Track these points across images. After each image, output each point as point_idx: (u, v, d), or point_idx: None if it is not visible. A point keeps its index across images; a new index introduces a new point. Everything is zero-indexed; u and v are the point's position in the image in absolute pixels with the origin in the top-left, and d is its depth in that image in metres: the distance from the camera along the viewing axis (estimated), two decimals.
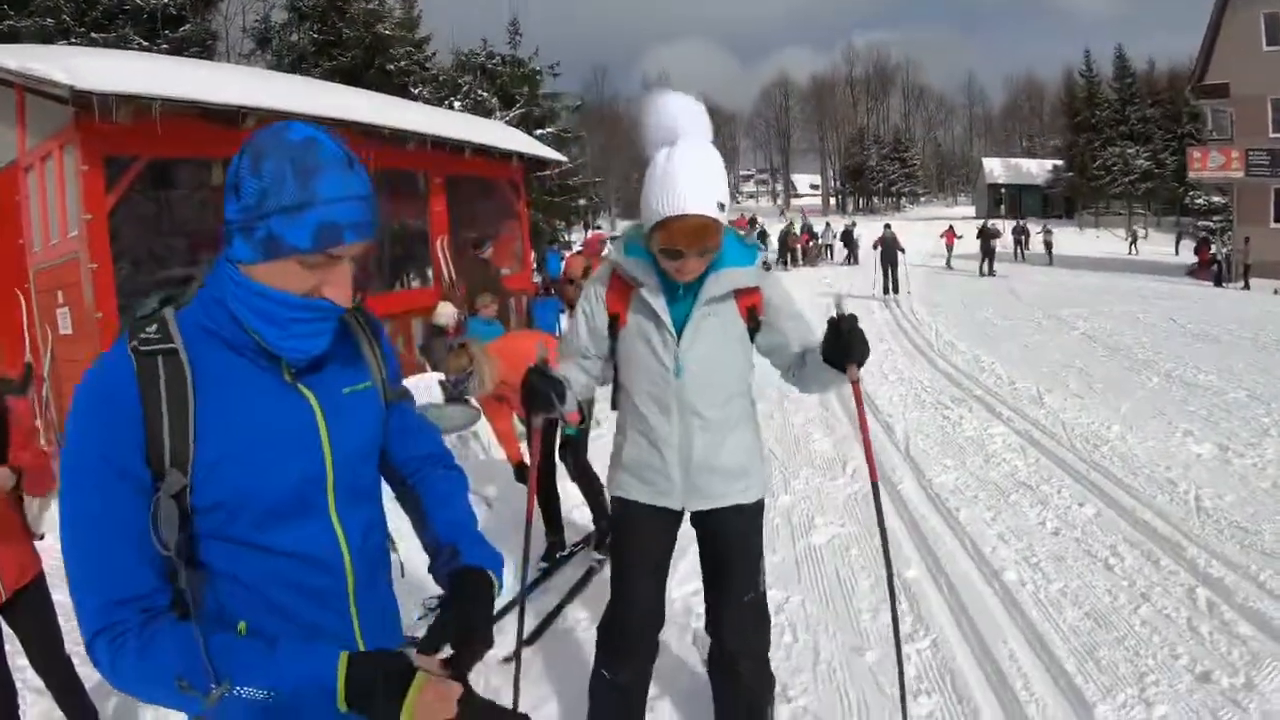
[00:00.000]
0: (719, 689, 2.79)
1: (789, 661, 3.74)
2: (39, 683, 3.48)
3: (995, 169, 74.32)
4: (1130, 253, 39.50)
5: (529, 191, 16.41)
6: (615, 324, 2.52)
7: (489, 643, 1.45)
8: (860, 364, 2.28)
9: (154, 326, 1.31)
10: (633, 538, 2.64)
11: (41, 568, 3.37)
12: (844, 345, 2.25)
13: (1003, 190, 71.88)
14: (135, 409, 1.26)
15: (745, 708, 2.73)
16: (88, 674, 3.36)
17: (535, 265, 16.63)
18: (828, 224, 41.21)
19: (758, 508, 2.65)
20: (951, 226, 31.90)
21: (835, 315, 2.26)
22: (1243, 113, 28.56)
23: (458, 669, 1.37)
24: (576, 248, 17.20)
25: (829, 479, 6.38)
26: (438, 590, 1.58)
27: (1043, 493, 5.74)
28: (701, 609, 2.84)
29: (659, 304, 2.42)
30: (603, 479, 3.84)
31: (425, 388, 6.59)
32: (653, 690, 2.96)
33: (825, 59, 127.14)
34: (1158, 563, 4.50)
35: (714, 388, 2.48)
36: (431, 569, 1.61)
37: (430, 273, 12.51)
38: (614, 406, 2.70)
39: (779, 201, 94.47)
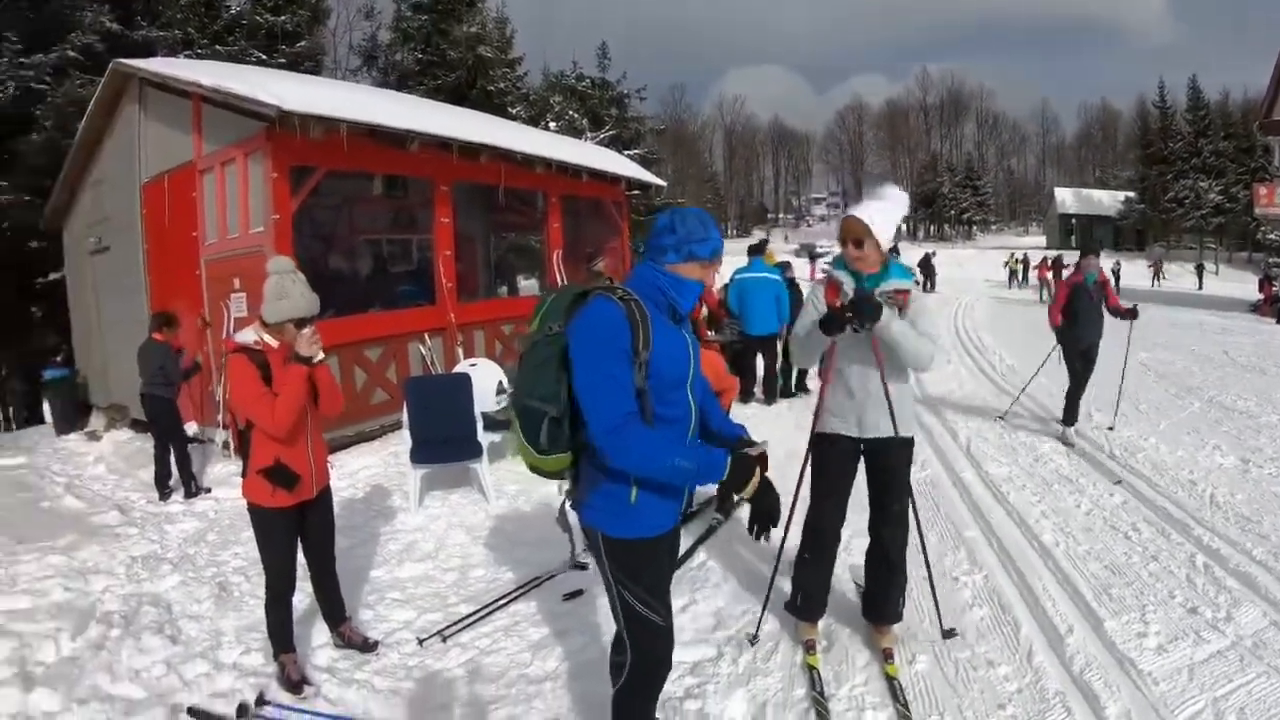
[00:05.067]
0: (872, 573, 4.25)
1: None
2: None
3: (1067, 199, 73.79)
4: (1154, 285, 41.25)
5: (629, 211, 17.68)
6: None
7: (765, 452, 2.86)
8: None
9: (619, 292, 2.66)
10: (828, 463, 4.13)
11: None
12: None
13: (1074, 220, 71.27)
14: (625, 324, 2.60)
15: (891, 586, 4.17)
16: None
17: None
18: (896, 250, 42.02)
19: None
20: (1045, 258, 33.20)
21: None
22: None
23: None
24: None
25: None
26: None
27: (1080, 484, 6.90)
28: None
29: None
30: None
31: None
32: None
33: (899, 85, 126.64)
34: (1169, 536, 5.64)
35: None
36: (717, 441, 2.97)
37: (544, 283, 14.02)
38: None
39: None
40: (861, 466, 4.15)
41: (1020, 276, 43.14)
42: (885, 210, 3.90)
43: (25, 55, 17.62)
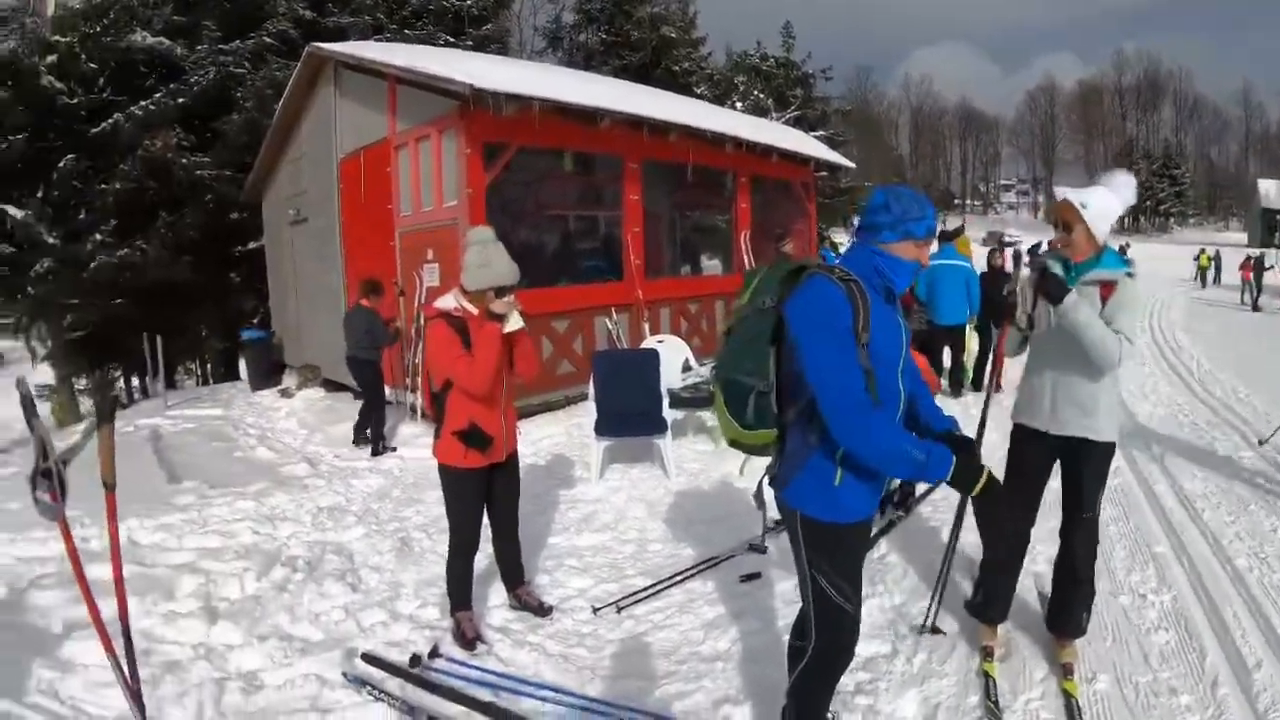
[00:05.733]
0: (1057, 582, 4.13)
1: None
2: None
3: (1270, 192, 67.51)
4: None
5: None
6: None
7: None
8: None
9: (838, 271, 2.67)
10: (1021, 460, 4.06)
11: None
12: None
13: (1277, 216, 65.09)
14: (847, 305, 2.60)
15: (1075, 598, 4.05)
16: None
17: None
18: None
19: None
20: (1248, 256, 30.56)
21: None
22: None
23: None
24: None
25: None
26: None
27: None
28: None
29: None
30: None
31: None
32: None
33: (1092, 67, 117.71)
34: None
35: None
36: (926, 433, 2.97)
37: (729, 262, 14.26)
38: None
39: (1040, 215, 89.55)
40: (1057, 468, 4.02)
41: (1213, 275, 38.29)
42: (1104, 198, 3.71)
43: (224, 42, 19.08)
